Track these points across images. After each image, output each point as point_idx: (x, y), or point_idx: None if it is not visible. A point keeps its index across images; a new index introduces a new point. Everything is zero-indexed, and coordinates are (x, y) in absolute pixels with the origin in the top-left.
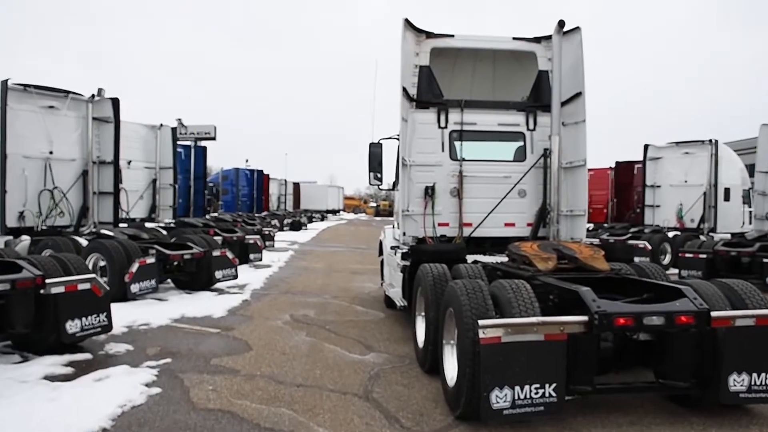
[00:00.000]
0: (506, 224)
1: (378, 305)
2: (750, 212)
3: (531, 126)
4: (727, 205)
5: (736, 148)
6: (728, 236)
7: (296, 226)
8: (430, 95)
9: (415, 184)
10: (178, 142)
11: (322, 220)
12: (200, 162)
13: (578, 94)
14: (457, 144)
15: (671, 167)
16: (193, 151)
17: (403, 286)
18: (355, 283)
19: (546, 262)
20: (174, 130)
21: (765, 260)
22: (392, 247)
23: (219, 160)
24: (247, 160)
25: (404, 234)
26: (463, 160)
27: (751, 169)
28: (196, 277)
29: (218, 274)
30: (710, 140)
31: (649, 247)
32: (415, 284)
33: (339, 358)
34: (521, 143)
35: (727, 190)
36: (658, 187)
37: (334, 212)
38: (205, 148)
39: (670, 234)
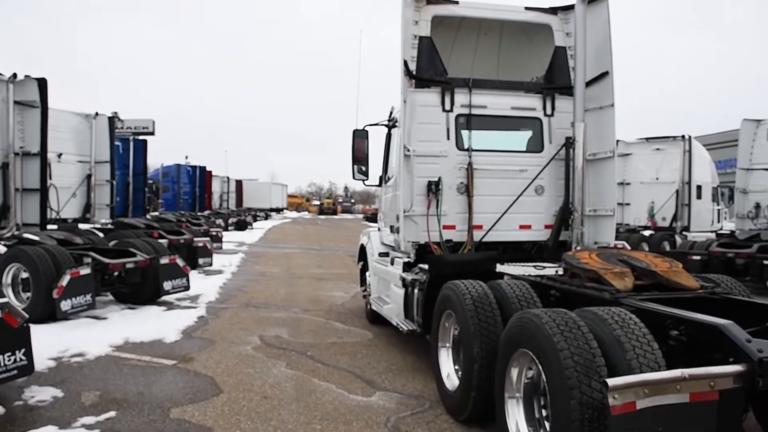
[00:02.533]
0: (521, 226)
1: (359, 321)
2: (719, 210)
3: (549, 111)
4: (699, 203)
5: (703, 143)
6: (704, 235)
7: (242, 226)
8: (432, 72)
9: (416, 178)
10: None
11: (266, 218)
12: (140, 157)
13: (604, 74)
14: (464, 131)
15: (641, 164)
16: (132, 144)
17: (407, 304)
18: (323, 292)
19: (622, 279)
20: (111, 119)
21: (766, 262)
22: (381, 254)
23: (155, 156)
24: (186, 157)
25: (404, 239)
26: (473, 150)
27: (717, 165)
28: (141, 289)
29: (167, 285)
30: (683, 136)
31: (629, 248)
32: (438, 306)
33: (338, 402)
34: (538, 131)
35: (699, 188)
36: (628, 184)
37: (278, 210)
38: (145, 142)
39: (646, 233)
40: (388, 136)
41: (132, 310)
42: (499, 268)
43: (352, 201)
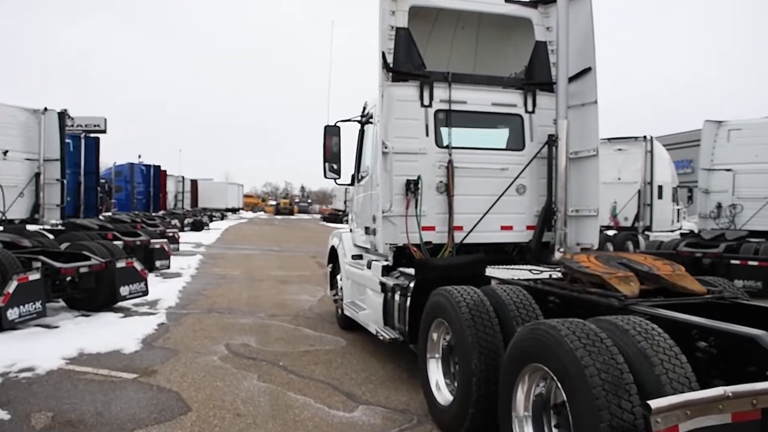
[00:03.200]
0: (502, 227)
1: (330, 327)
2: (679, 210)
3: (530, 107)
4: (660, 203)
5: (662, 143)
6: (664, 234)
7: (198, 226)
8: (410, 65)
9: (394, 177)
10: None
11: (222, 219)
12: (92, 155)
13: (587, 70)
14: (443, 127)
15: (604, 164)
16: (83, 142)
17: (386, 310)
18: (288, 296)
19: (627, 283)
20: (61, 115)
21: (733, 262)
22: (355, 257)
23: (106, 155)
24: (139, 156)
25: (381, 241)
26: (452, 147)
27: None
28: (96, 294)
29: (124, 290)
30: (644, 137)
31: (596, 248)
32: (427, 315)
33: (319, 418)
34: (519, 128)
35: (660, 188)
36: None
37: (234, 211)
38: (97, 139)
39: (610, 233)
40: (361, 133)
41: (86, 317)
42: (488, 271)
43: (309, 201)
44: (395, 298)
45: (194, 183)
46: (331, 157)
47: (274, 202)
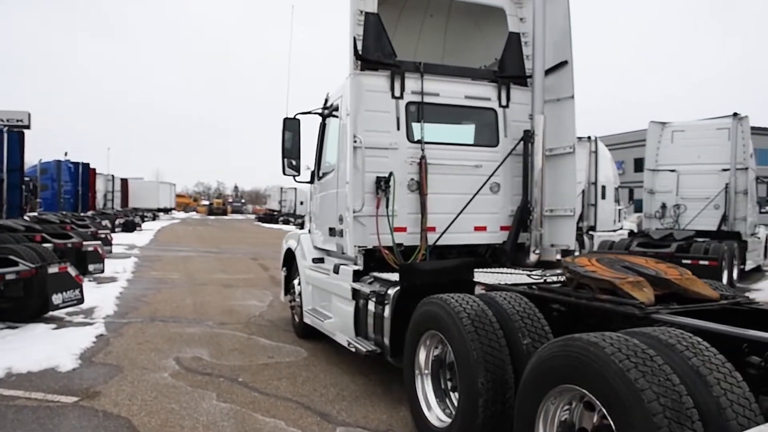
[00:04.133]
0: (476, 228)
1: (287, 335)
2: (620, 210)
3: (504, 101)
4: (603, 203)
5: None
6: (606, 234)
7: (130, 227)
8: (380, 53)
9: (364, 173)
10: None
11: (154, 219)
12: (15, 151)
13: (563, 63)
14: (415, 122)
15: None
16: (6, 137)
17: (358, 320)
18: (236, 301)
19: (641, 290)
20: None
21: (684, 261)
22: (316, 260)
23: (30, 152)
24: (66, 153)
25: (351, 244)
26: (425, 142)
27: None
28: (24, 303)
29: (56, 298)
30: (589, 137)
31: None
32: (415, 326)
33: None
34: (493, 123)
35: (603, 188)
36: None
37: (166, 211)
38: (21, 134)
39: None
40: (323, 127)
41: (13, 330)
42: (477, 276)
43: (243, 201)
44: (369, 307)
45: (125, 182)
46: (290, 153)
47: (206, 202)
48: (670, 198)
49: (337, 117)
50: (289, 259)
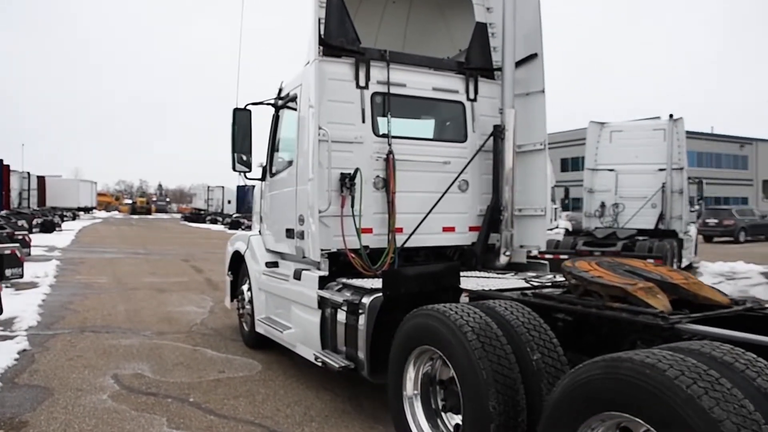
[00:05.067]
0: (444, 229)
1: (235, 345)
2: (556, 209)
3: (471, 95)
4: None
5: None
6: (548, 233)
7: (49, 227)
8: (343, 39)
9: (328, 170)
10: None
11: (74, 219)
12: None
13: (533, 56)
14: (380, 115)
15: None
16: None
17: (325, 331)
18: (173, 308)
19: (655, 296)
20: None
21: None
22: (270, 264)
23: None
24: None
25: (315, 247)
26: (392, 136)
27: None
28: None
29: None
30: None
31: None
32: (404, 341)
33: None
34: (461, 117)
35: None
36: None
37: (87, 210)
38: None
39: None
40: (276, 119)
41: None
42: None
43: (167, 200)
44: (339, 317)
45: (41, 180)
46: (241, 147)
47: (129, 201)
48: (609, 197)
49: (293, 108)
50: (236, 262)
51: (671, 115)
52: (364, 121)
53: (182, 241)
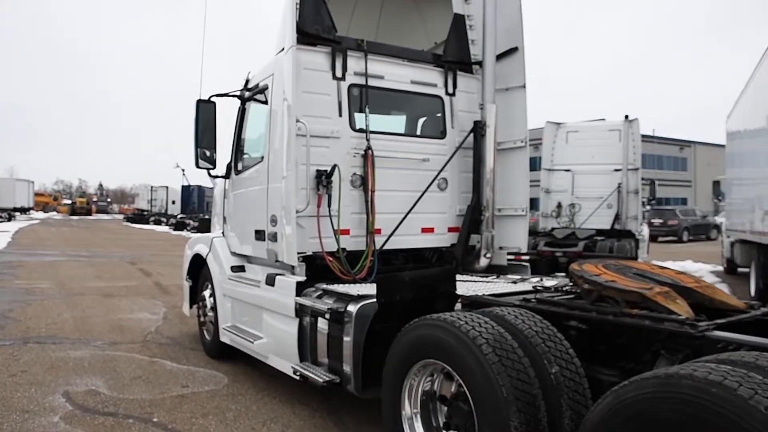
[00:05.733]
0: (423, 230)
1: (196, 355)
2: None
3: (450, 89)
4: None
5: None
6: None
7: None
8: (319, 26)
9: (309, 166)
10: None
11: (9, 220)
12: None
13: (513, 50)
14: (357, 110)
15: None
16: None
17: (303, 342)
18: (124, 314)
19: (674, 301)
20: None
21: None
22: (235, 268)
23: None
24: None
25: (290, 250)
26: (371, 131)
27: None
28: None
29: None
30: None
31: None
32: (403, 354)
33: None
34: (440, 112)
35: None
36: None
37: (24, 210)
38: None
39: None
40: (242, 112)
41: None
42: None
43: (108, 200)
44: (321, 327)
45: None
46: (204, 142)
47: (68, 202)
48: (566, 197)
49: (262, 101)
50: (197, 266)
51: (627, 116)
52: (341, 115)
53: (127, 242)
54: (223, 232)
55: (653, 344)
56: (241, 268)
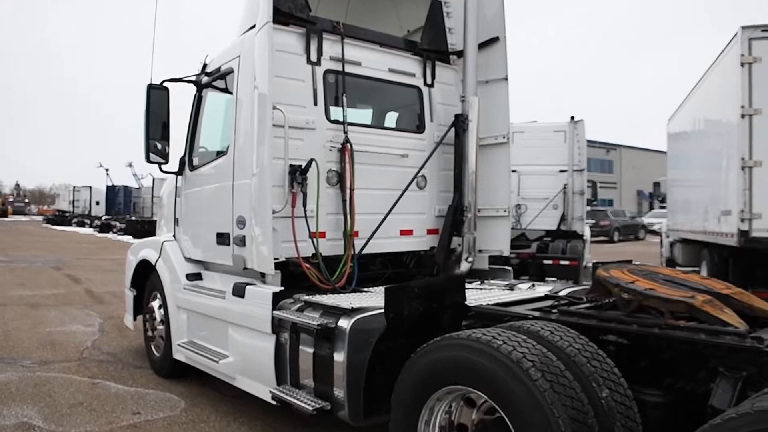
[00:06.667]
0: (402, 232)
1: (142, 374)
2: None
3: (428, 79)
4: None
5: None
6: None
7: None
8: (292, 4)
9: (279, 161)
10: None
11: None
12: None
13: (494, 40)
14: (333, 95)
15: None
16: None
17: (280, 361)
18: (54, 327)
19: (722, 311)
20: None
21: (545, 261)
22: (192, 276)
23: None
24: None
25: (263, 255)
26: (348, 123)
27: None
28: None
29: None
30: None
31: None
32: (419, 382)
33: None
34: (417, 104)
35: None
36: None
37: None
38: None
39: None
40: (198, 101)
41: None
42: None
43: (26, 200)
44: (304, 345)
45: None
46: (157, 132)
47: None
48: (512, 198)
49: (221, 88)
50: (143, 273)
51: (572, 117)
52: (316, 104)
53: (49, 246)
54: (174, 236)
55: (708, 360)
56: (198, 276)
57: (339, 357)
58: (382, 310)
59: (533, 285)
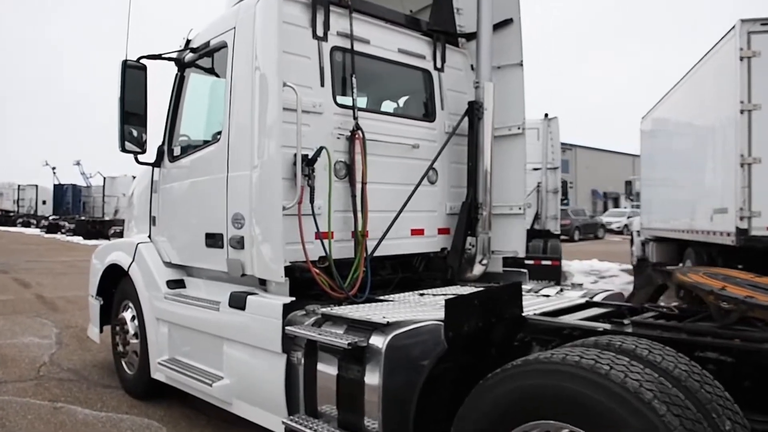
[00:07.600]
0: (413, 231)
1: (112, 395)
2: None
3: (438, 63)
4: None
5: None
6: None
7: None
8: None
9: (287, 150)
10: None
11: None
12: None
13: (508, 22)
14: (340, 76)
15: None
16: None
17: (292, 386)
18: (4, 339)
19: None
20: None
21: (527, 262)
22: (172, 284)
23: None
24: None
25: (272, 259)
26: (358, 108)
27: None
28: None
29: None
30: None
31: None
32: (488, 416)
33: None
34: (428, 90)
35: None
36: None
37: None
38: None
39: None
40: (180, 81)
41: None
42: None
43: None
44: (323, 366)
45: None
46: (133, 117)
47: None
48: None
49: (207, 68)
50: (112, 279)
51: (546, 115)
52: (323, 85)
53: None
54: (150, 236)
55: None
56: (181, 283)
57: (372, 380)
58: (421, 324)
59: (561, 289)
